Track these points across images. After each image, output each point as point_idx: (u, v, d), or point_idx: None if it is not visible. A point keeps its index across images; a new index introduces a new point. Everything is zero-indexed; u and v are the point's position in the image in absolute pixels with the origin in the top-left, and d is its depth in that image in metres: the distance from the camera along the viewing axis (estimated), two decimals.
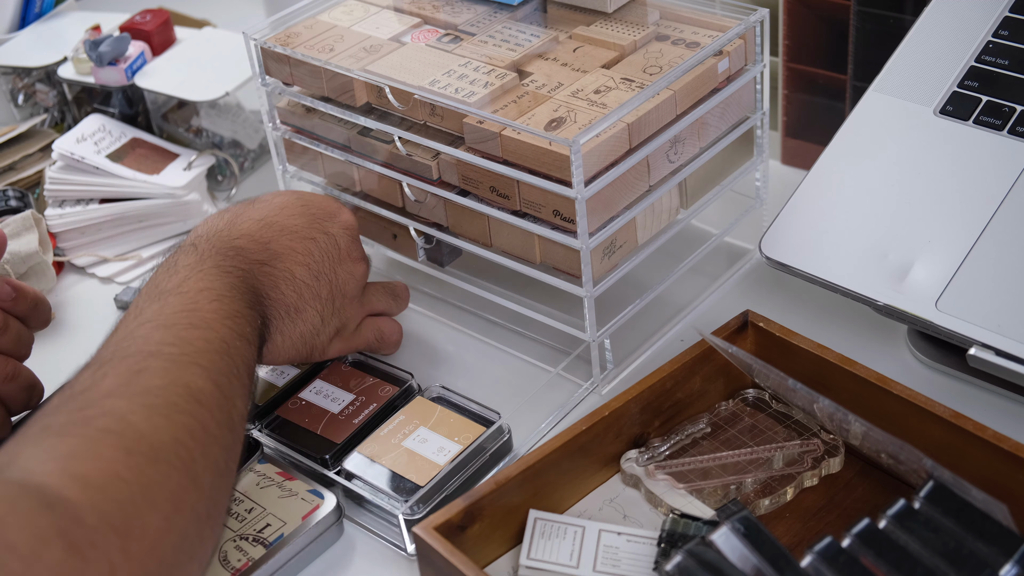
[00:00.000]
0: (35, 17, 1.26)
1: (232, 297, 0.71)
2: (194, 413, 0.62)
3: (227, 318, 0.70)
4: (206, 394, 0.64)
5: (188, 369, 0.64)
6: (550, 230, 0.80)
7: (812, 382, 0.72)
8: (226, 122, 1.13)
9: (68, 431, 0.58)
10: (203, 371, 0.65)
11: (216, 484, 0.62)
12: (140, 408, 0.60)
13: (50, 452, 0.57)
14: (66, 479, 0.55)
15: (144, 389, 0.62)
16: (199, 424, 0.62)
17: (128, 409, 0.60)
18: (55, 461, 0.56)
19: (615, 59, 0.85)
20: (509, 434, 0.80)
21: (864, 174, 0.86)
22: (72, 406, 0.60)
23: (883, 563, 0.60)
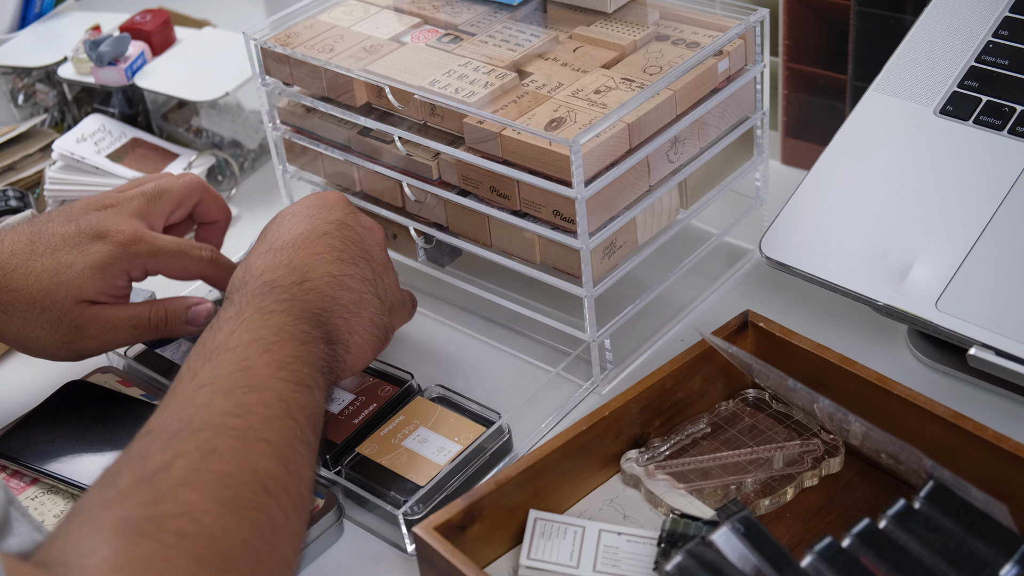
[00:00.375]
0: (35, 17, 1.26)
1: (281, 341, 0.69)
2: (263, 506, 0.61)
3: (281, 369, 0.68)
4: (273, 478, 0.62)
5: (255, 447, 0.63)
6: (550, 230, 0.80)
7: (812, 382, 0.72)
8: (226, 122, 1.13)
9: (142, 531, 0.57)
10: (269, 447, 0.63)
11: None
12: (212, 505, 0.59)
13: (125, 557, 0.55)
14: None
15: (216, 479, 0.60)
16: (267, 519, 0.61)
17: (201, 508, 0.59)
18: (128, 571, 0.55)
19: (615, 59, 0.85)
20: (509, 434, 0.80)
21: (864, 174, 0.86)
22: (146, 495, 0.59)
23: (883, 563, 0.60)
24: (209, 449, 0.61)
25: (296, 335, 0.71)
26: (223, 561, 0.58)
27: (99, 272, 0.81)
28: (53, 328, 0.81)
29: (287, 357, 0.69)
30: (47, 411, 0.85)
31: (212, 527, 0.58)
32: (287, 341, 0.70)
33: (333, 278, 0.76)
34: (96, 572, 0.54)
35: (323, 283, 0.75)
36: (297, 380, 0.68)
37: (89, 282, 0.80)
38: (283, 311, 0.72)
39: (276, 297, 0.73)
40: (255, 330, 0.69)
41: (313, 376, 0.70)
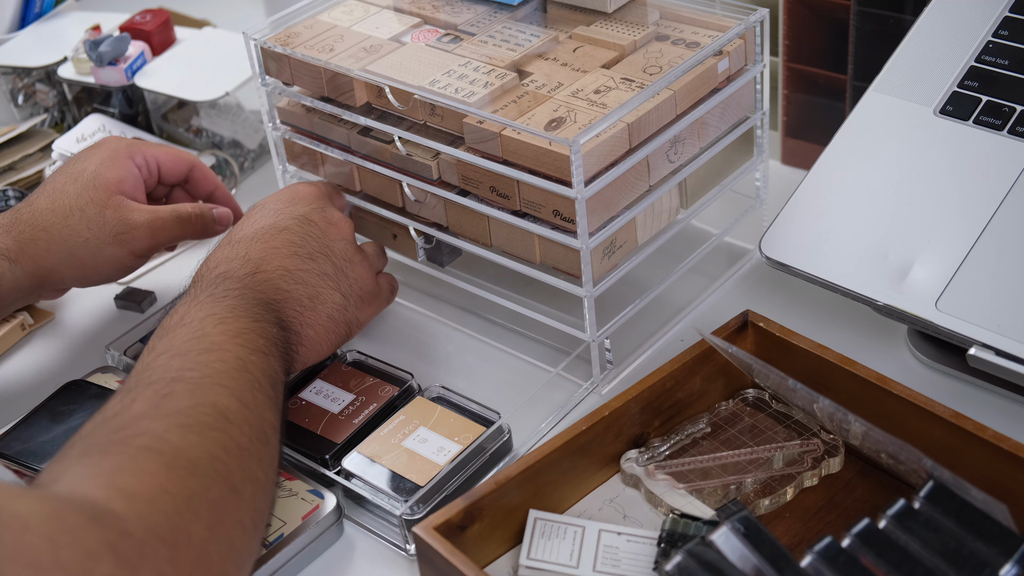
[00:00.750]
0: (35, 17, 1.26)
1: (235, 317, 0.72)
2: (224, 429, 0.64)
3: (236, 336, 0.70)
4: (233, 411, 0.65)
5: (211, 390, 0.65)
6: (550, 230, 0.80)
7: (812, 382, 0.72)
8: (226, 122, 1.13)
9: (109, 450, 0.60)
10: (226, 390, 0.66)
11: (256, 495, 0.64)
12: (174, 427, 0.62)
13: (94, 468, 0.58)
14: (112, 493, 0.56)
15: (174, 410, 0.63)
16: (231, 440, 0.63)
17: (163, 428, 0.61)
18: (100, 476, 0.57)
19: (615, 59, 0.85)
20: (509, 434, 0.80)
21: (864, 174, 0.86)
22: (108, 428, 0.62)
23: (883, 563, 0.60)
24: (165, 392, 0.64)
25: (248, 313, 0.73)
26: (192, 467, 0.60)
27: (109, 162, 0.88)
28: (99, 226, 0.86)
29: (241, 328, 0.71)
30: (47, 411, 0.85)
31: (177, 442, 0.61)
32: (240, 317, 0.72)
33: (288, 272, 0.78)
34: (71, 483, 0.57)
35: (276, 276, 0.78)
36: (252, 346, 0.70)
37: (106, 171, 0.88)
38: (236, 295, 0.74)
39: (228, 286, 0.75)
40: (208, 308, 0.72)
41: (268, 347, 0.72)
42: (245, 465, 0.63)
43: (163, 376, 0.66)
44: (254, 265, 0.77)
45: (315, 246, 0.80)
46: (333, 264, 0.81)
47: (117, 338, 0.92)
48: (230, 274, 0.76)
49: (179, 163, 0.93)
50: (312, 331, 0.78)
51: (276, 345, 0.73)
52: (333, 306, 0.80)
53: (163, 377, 0.66)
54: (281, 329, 0.75)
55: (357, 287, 0.82)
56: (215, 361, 0.67)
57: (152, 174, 0.92)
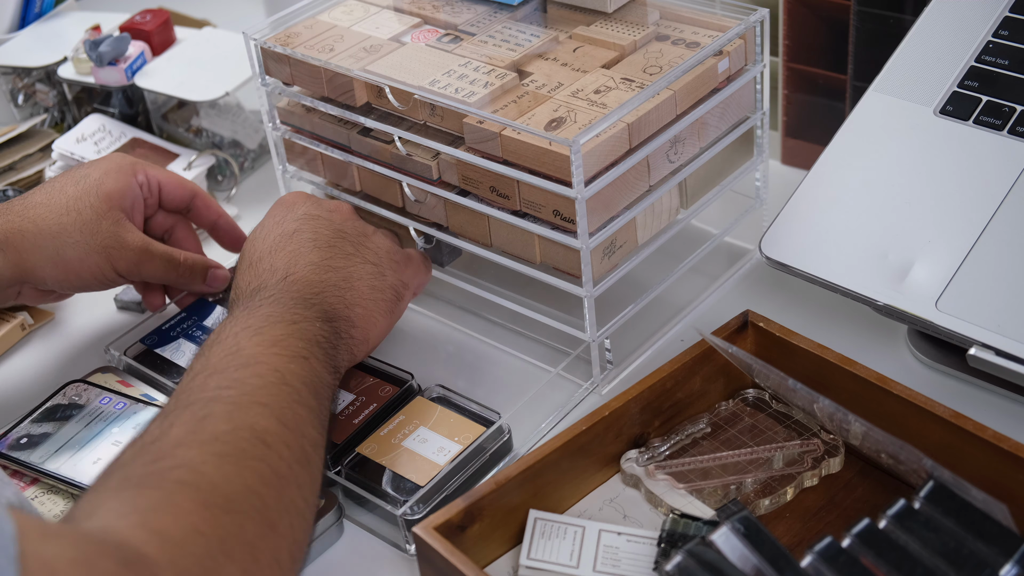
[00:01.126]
0: (35, 17, 1.26)
1: (270, 325, 0.71)
2: (263, 457, 0.62)
3: (272, 345, 0.69)
4: (272, 434, 0.63)
5: (250, 410, 0.64)
6: (550, 230, 0.80)
7: (812, 382, 0.72)
8: (226, 122, 1.13)
9: (145, 483, 0.58)
10: (264, 409, 0.64)
11: (295, 525, 0.62)
12: (211, 457, 0.60)
13: (130, 505, 0.57)
14: (146, 534, 0.55)
15: (212, 436, 0.62)
16: (269, 468, 0.62)
17: (200, 459, 0.60)
18: (135, 515, 0.56)
19: (615, 59, 0.85)
20: (509, 434, 0.80)
21: (864, 174, 0.86)
22: (146, 457, 0.61)
23: (883, 563, 0.60)
24: (203, 415, 0.63)
25: (285, 318, 0.72)
26: (228, 503, 0.59)
27: (114, 174, 0.88)
28: (92, 232, 0.85)
29: (277, 336, 0.70)
30: (47, 411, 0.85)
31: (213, 475, 0.59)
32: (276, 324, 0.71)
33: (315, 264, 0.78)
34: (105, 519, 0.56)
35: (307, 271, 0.77)
36: (291, 353, 0.69)
37: (109, 181, 0.87)
38: (271, 303, 0.74)
39: (263, 296, 0.75)
40: (243, 321, 0.71)
41: (308, 348, 0.71)
42: (283, 495, 0.62)
43: (200, 396, 0.64)
44: (283, 271, 0.77)
45: (328, 234, 0.81)
46: (351, 243, 0.81)
47: (117, 338, 0.92)
48: (263, 285, 0.76)
49: (181, 189, 0.92)
50: (360, 308, 0.78)
51: (319, 344, 0.72)
52: (369, 276, 0.80)
53: (200, 398, 0.64)
54: (325, 322, 0.74)
55: (383, 252, 0.82)
56: (252, 376, 0.66)
57: (153, 194, 0.91)
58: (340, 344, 0.75)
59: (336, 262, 0.79)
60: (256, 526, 0.59)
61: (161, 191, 0.91)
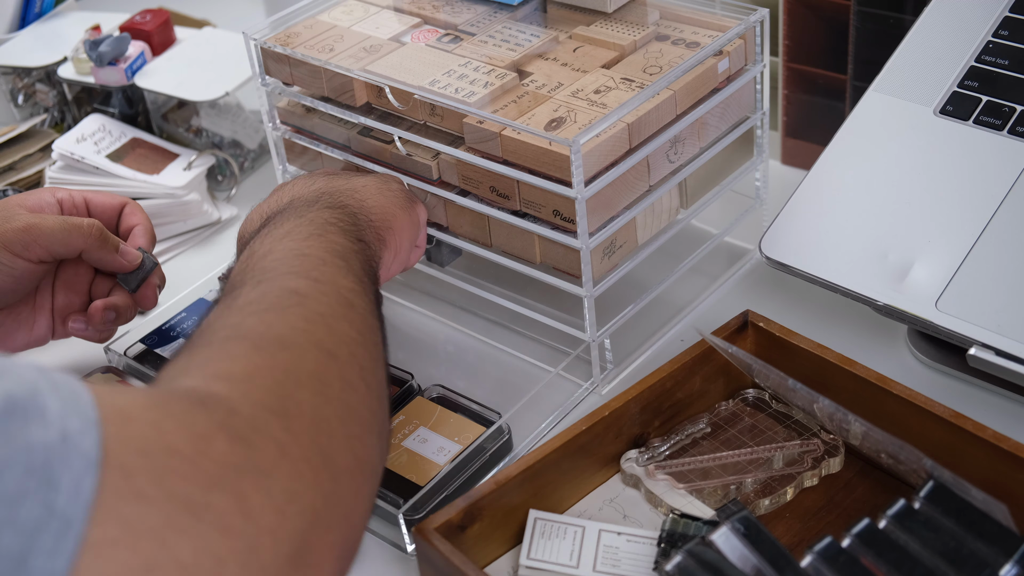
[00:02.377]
0: (35, 17, 1.26)
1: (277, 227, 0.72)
2: (300, 303, 0.63)
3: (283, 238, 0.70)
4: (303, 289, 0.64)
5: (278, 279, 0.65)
6: (550, 230, 0.80)
7: (812, 382, 0.72)
8: (226, 122, 1.13)
9: (194, 347, 0.59)
10: (293, 275, 0.65)
11: (355, 353, 0.62)
12: (249, 316, 0.61)
13: (184, 364, 0.57)
14: (210, 380, 0.55)
15: (244, 303, 0.62)
16: (310, 310, 0.62)
17: (238, 320, 0.61)
18: (192, 369, 0.56)
19: (615, 59, 0.85)
20: (509, 434, 0.80)
21: (864, 174, 0.86)
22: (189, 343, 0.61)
23: (883, 563, 0.60)
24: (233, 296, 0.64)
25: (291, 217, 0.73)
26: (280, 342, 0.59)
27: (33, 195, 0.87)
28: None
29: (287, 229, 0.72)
30: None
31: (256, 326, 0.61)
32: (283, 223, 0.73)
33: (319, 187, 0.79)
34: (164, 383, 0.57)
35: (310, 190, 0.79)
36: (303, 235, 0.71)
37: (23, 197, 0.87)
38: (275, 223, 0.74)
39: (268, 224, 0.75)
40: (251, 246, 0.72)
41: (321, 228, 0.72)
42: (333, 328, 0.62)
43: (231, 288, 0.65)
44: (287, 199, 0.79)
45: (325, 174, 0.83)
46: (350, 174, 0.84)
47: (117, 338, 0.92)
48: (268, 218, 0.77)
49: (111, 200, 0.91)
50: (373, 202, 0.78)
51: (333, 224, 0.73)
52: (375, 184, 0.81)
53: (231, 288, 0.65)
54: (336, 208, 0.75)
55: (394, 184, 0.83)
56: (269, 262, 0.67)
57: (76, 206, 0.90)
58: (360, 223, 0.75)
59: (337, 182, 0.80)
60: (315, 355, 0.59)
61: (88, 205, 0.91)
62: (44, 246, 0.84)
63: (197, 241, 1.07)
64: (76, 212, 0.89)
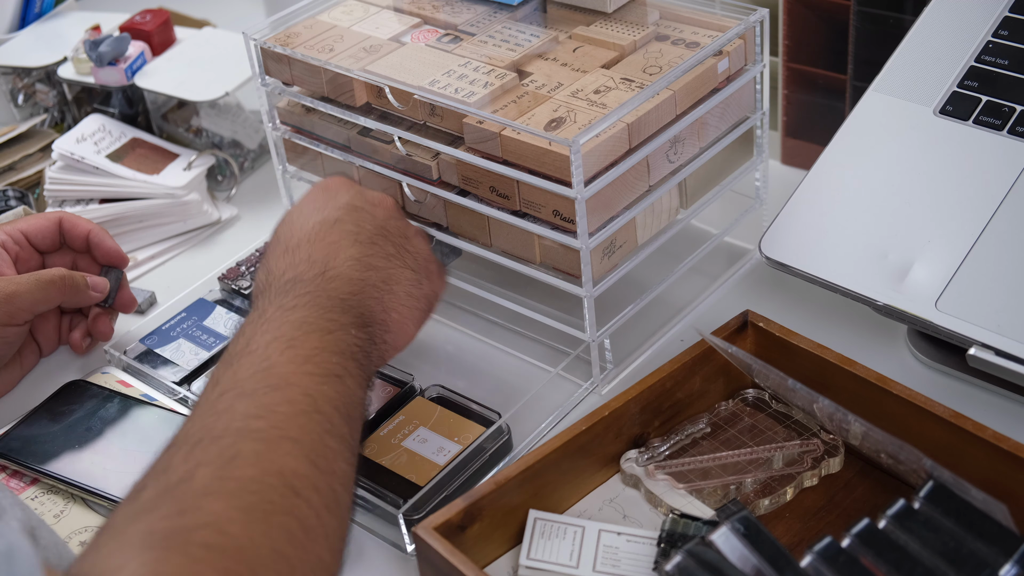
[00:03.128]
0: (35, 17, 1.26)
1: (304, 335, 0.68)
2: (291, 510, 0.59)
3: (305, 363, 0.66)
4: (301, 478, 0.61)
5: (279, 448, 0.61)
6: (550, 230, 0.80)
7: (812, 382, 0.72)
8: (226, 122, 1.13)
9: (170, 544, 0.56)
10: (295, 446, 0.62)
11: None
12: (238, 513, 0.58)
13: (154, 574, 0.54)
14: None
15: (240, 486, 0.59)
16: (297, 522, 0.59)
17: (227, 517, 0.57)
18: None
19: (615, 59, 0.85)
20: (509, 434, 0.80)
21: (864, 174, 0.86)
22: (171, 507, 0.58)
23: (883, 563, 0.60)
24: (231, 455, 0.60)
25: (320, 326, 0.69)
26: (252, 572, 0.56)
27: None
28: None
29: (311, 350, 0.67)
30: (47, 411, 0.85)
31: (239, 537, 0.57)
32: (311, 334, 0.68)
33: (356, 260, 0.75)
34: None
35: (347, 268, 0.74)
36: (323, 372, 0.66)
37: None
38: (305, 304, 0.70)
39: (298, 292, 0.71)
40: (275, 328, 0.68)
41: (343, 364, 0.68)
42: (310, 553, 0.59)
43: (229, 427, 0.62)
44: (321, 265, 0.74)
45: (371, 230, 0.77)
46: (393, 243, 0.78)
47: (117, 338, 0.93)
48: (299, 278, 0.73)
49: (45, 221, 0.91)
50: (396, 313, 0.75)
51: (353, 357, 0.69)
52: (408, 283, 0.77)
53: (229, 428, 0.61)
54: (361, 328, 0.71)
55: (422, 259, 0.79)
56: (282, 403, 0.63)
57: (20, 242, 0.90)
58: (373, 351, 0.72)
59: (377, 261, 0.76)
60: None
61: (28, 236, 0.91)
62: (27, 309, 0.87)
63: (197, 241, 1.07)
64: (18, 250, 0.90)
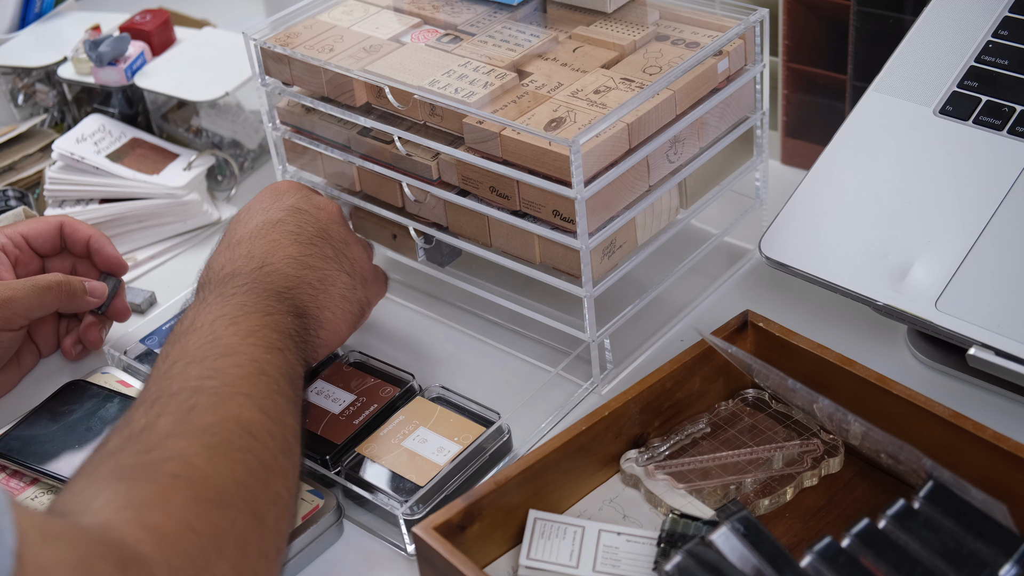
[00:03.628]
0: (35, 17, 1.26)
1: (245, 315, 0.71)
2: (249, 448, 0.63)
3: (248, 335, 0.70)
4: (256, 424, 0.65)
5: (233, 400, 0.65)
6: (550, 230, 0.80)
7: (812, 382, 0.72)
8: (226, 122, 1.13)
9: (139, 475, 0.59)
10: (247, 399, 0.65)
11: (280, 516, 0.64)
12: (201, 449, 0.61)
13: (126, 498, 0.58)
14: (141, 531, 0.56)
15: (200, 428, 0.63)
16: (256, 459, 0.63)
17: (191, 451, 0.61)
18: (131, 509, 0.57)
19: (615, 59, 0.85)
20: (509, 434, 0.80)
21: (864, 174, 0.86)
22: (136, 447, 0.61)
23: (883, 563, 0.60)
24: (189, 406, 0.63)
25: (260, 308, 0.72)
26: (219, 497, 0.60)
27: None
28: None
29: (253, 326, 0.71)
30: (47, 411, 0.85)
31: (204, 468, 0.60)
32: (251, 314, 0.72)
33: (294, 259, 0.78)
34: (101, 513, 0.56)
35: (284, 264, 0.77)
36: (267, 344, 0.70)
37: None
38: (244, 291, 0.74)
39: (237, 283, 0.75)
40: (218, 309, 0.71)
41: (283, 341, 0.71)
42: (270, 486, 0.63)
43: (184, 386, 0.65)
44: (259, 260, 0.77)
45: (312, 231, 0.81)
46: (332, 247, 0.81)
47: (117, 338, 0.92)
48: (237, 271, 0.76)
49: (46, 225, 0.92)
50: (329, 312, 0.78)
51: (291, 337, 0.73)
52: (343, 286, 0.80)
53: (184, 387, 0.65)
54: (296, 317, 0.75)
55: (359, 267, 0.82)
56: (232, 367, 0.67)
57: (20, 246, 0.91)
58: (309, 341, 0.75)
59: (314, 261, 0.79)
60: (246, 520, 0.60)
61: (28, 240, 0.91)
62: (23, 315, 0.87)
63: (197, 241, 1.07)
64: (18, 254, 0.90)
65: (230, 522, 0.59)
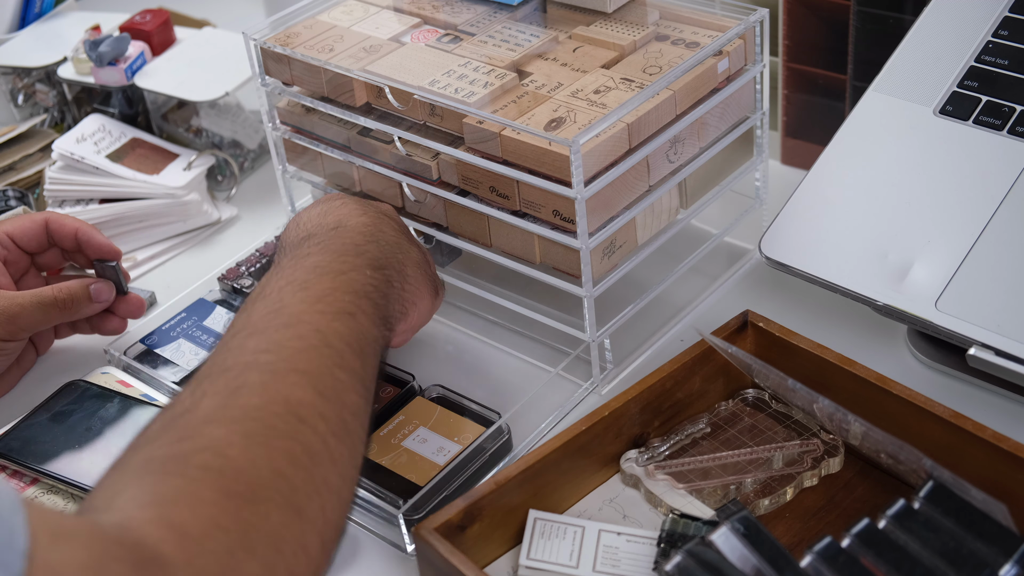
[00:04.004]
0: (35, 17, 1.26)
1: (317, 277, 0.68)
2: (294, 434, 0.59)
3: (316, 302, 0.66)
4: (307, 406, 0.61)
5: (286, 379, 0.61)
6: (550, 230, 0.80)
7: (812, 382, 0.72)
8: (226, 122, 1.13)
9: (168, 467, 0.56)
10: (302, 376, 0.62)
11: (326, 506, 0.59)
12: (238, 438, 0.58)
13: (150, 494, 0.55)
14: (163, 530, 0.53)
15: (242, 412, 0.59)
16: (301, 446, 0.59)
17: (226, 441, 0.58)
18: (154, 507, 0.54)
19: (615, 59, 0.85)
20: (509, 434, 0.80)
21: (864, 174, 0.86)
22: (172, 434, 0.58)
23: (883, 563, 0.60)
24: (237, 385, 0.61)
25: (333, 268, 0.70)
26: (251, 491, 0.56)
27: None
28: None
29: (323, 291, 0.67)
30: (47, 411, 0.85)
31: (238, 459, 0.57)
32: (323, 276, 0.69)
33: (367, 226, 0.76)
34: (124, 510, 0.54)
35: (360, 225, 0.75)
36: (335, 310, 0.66)
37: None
38: (320, 251, 0.71)
39: (311, 244, 0.72)
40: (289, 274, 0.69)
41: (356, 303, 0.68)
42: (314, 475, 0.59)
43: (238, 360, 0.62)
44: (335, 223, 0.75)
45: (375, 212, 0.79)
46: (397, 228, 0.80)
47: (117, 338, 0.93)
48: (312, 233, 0.74)
49: (31, 224, 0.90)
50: (411, 270, 0.76)
51: (367, 296, 0.69)
52: (417, 256, 0.78)
53: (238, 362, 0.62)
54: (376, 269, 0.72)
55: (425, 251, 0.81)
56: (292, 339, 0.63)
57: (6, 245, 0.90)
58: (391, 294, 0.72)
59: (386, 234, 0.77)
60: (281, 513, 0.57)
61: (13, 238, 0.90)
62: (28, 329, 0.87)
63: (197, 241, 1.07)
64: (6, 253, 0.90)
65: (262, 517, 0.56)
